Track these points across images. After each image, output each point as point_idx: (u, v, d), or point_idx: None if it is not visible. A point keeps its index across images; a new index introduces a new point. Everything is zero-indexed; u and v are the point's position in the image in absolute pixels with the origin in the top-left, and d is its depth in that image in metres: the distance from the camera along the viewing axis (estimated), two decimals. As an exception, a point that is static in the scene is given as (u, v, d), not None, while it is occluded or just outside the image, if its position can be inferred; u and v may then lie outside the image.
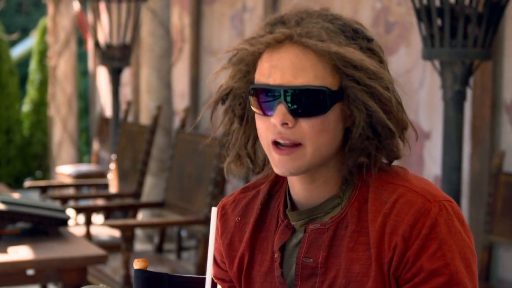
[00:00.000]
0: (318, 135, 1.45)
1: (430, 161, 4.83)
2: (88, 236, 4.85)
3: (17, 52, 12.48)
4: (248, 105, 1.52)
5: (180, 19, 7.70)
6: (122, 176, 5.59)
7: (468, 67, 3.12)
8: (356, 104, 1.45)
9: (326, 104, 1.44)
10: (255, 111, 1.49)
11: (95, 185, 6.30)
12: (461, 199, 3.39)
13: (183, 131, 5.09)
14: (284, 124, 1.45)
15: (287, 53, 1.45)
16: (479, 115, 4.45)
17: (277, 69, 1.45)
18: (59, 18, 8.92)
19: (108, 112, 9.09)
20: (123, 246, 4.25)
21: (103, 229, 5.33)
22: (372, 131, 1.46)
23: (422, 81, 4.90)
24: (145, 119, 6.52)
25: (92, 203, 6.52)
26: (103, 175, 7.19)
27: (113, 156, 5.76)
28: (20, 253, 3.44)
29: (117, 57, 5.89)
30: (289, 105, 1.44)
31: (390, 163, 1.51)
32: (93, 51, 9.67)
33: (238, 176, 1.59)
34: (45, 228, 3.72)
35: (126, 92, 8.77)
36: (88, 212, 5.01)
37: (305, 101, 1.44)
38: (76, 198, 5.86)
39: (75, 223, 5.81)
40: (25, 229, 3.74)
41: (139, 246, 6.35)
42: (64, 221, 3.77)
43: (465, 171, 4.46)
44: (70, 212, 4.61)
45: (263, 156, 1.56)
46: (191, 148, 4.84)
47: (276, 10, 1.54)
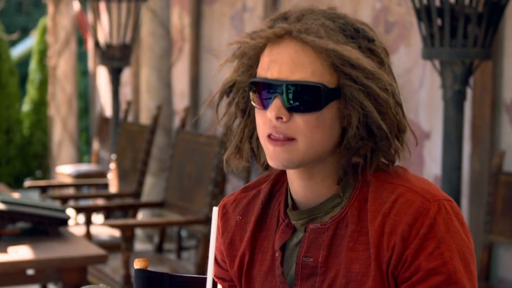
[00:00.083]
0: (312, 131, 1.45)
1: (430, 161, 4.83)
2: (88, 236, 4.85)
3: (17, 51, 12.47)
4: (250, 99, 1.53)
5: (180, 19, 7.70)
6: (122, 176, 5.59)
7: (468, 66, 3.12)
8: (352, 103, 1.45)
9: (322, 101, 1.44)
10: (254, 105, 1.49)
11: (95, 185, 6.30)
12: (461, 199, 3.38)
13: (183, 130, 5.09)
14: (279, 118, 1.45)
15: (286, 48, 1.45)
16: (479, 115, 4.44)
17: (276, 64, 1.46)
18: (59, 17, 8.92)
19: (108, 112, 9.09)
20: (123, 246, 4.25)
21: (103, 229, 5.33)
22: (368, 131, 1.46)
23: (422, 80, 4.90)
24: (145, 119, 6.52)
25: (92, 203, 6.51)
26: (103, 175, 7.19)
27: (113, 156, 5.76)
28: (20, 253, 3.44)
29: (117, 57, 5.88)
30: (285, 99, 1.44)
31: (391, 164, 1.50)
32: (93, 51, 9.66)
33: (236, 169, 1.59)
34: (45, 228, 3.72)
35: (126, 92, 8.77)
36: (88, 212, 5.01)
37: (300, 96, 1.44)
38: (76, 198, 5.85)
39: (75, 223, 5.80)
40: (25, 229, 3.74)
41: (139, 246, 6.35)
42: (64, 221, 3.77)
43: (465, 171, 4.46)
44: (70, 212, 4.61)
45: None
46: (191, 147, 4.83)
47: (276, 10, 1.54)
